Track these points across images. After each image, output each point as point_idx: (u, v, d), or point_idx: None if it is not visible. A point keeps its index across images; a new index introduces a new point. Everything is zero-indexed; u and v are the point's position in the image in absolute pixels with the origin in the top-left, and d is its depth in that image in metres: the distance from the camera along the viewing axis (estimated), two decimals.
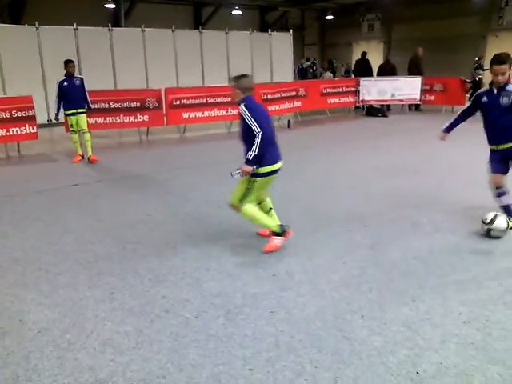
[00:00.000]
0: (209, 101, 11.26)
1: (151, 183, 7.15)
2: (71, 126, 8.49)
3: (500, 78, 4.25)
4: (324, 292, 3.63)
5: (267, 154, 4.18)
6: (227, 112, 11.38)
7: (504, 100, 4.32)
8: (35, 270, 4.16)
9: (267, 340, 3.04)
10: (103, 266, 4.21)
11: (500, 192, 4.64)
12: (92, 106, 8.68)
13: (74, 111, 8.33)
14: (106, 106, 10.34)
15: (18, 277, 4.03)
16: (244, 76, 4.25)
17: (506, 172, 4.63)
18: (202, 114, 11.25)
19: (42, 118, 10.38)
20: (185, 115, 11.06)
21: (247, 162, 4.08)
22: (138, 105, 10.59)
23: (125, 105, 10.45)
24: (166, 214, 5.66)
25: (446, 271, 3.93)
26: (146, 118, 10.71)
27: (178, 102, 10.94)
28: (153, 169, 8.08)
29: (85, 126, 8.47)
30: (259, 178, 4.22)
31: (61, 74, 8.37)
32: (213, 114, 11.37)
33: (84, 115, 8.44)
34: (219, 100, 11.27)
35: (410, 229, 4.92)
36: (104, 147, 9.93)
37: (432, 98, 13.95)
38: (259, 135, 4.03)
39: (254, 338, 3.06)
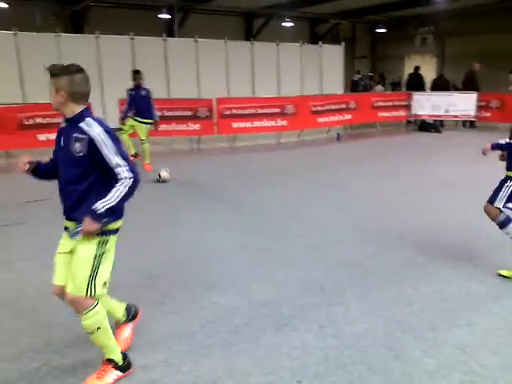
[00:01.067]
0: (258, 111, 11.39)
1: (201, 190, 7.30)
2: (122, 127, 8.73)
3: None
4: (374, 309, 3.59)
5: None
6: (276, 123, 11.47)
7: None
8: None
9: (316, 353, 3.03)
10: (156, 270, 4.32)
11: None
12: (157, 119, 8.83)
13: (135, 118, 8.59)
14: (160, 114, 10.63)
15: None
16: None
17: None
18: (252, 124, 11.39)
19: None
20: (235, 125, 11.24)
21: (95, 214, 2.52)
22: (190, 114, 10.85)
23: (177, 113, 10.72)
24: (215, 221, 5.76)
25: (507, 295, 3.79)
26: (197, 126, 10.95)
27: (229, 112, 11.13)
28: (203, 176, 8.24)
29: (144, 137, 8.71)
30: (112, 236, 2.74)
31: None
32: (262, 125, 11.50)
33: (144, 126, 8.65)
34: (269, 111, 11.39)
35: (468, 247, 4.79)
36: (156, 154, 10.20)
37: (488, 114, 13.54)
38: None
39: (303, 351, 3.06)
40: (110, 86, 11.37)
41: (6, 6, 17.85)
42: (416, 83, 15.13)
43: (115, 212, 2.55)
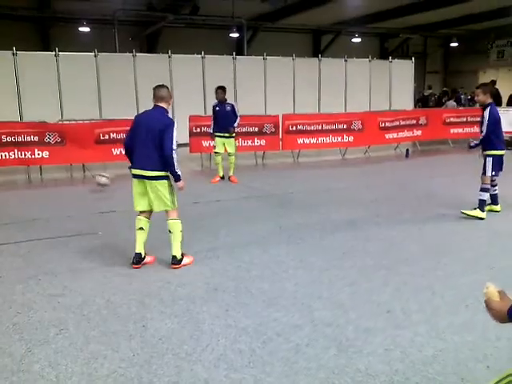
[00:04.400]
0: (324, 127, 11.33)
1: (265, 205, 7.33)
2: (214, 147, 9.00)
3: None
4: (444, 334, 3.40)
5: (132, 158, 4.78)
6: (342, 139, 11.35)
7: None
8: (158, 280, 4.46)
9: (380, 378, 2.92)
10: (218, 282, 4.38)
11: None
12: (235, 125, 8.84)
13: (222, 135, 8.81)
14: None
15: (142, 285, 4.35)
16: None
17: None
18: (317, 140, 11.34)
19: None
20: (300, 141, 11.25)
21: None
22: (256, 129, 10.99)
23: (244, 129, 10.89)
24: (278, 236, 5.75)
25: None
26: (263, 142, 11.06)
27: (294, 128, 11.16)
28: (267, 191, 8.28)
29: (232, 150, 8.91)
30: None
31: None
32: (327, 141, 11.42)
33: (233, 140, 8.86)
34: (334, 127, 11.29)
35: None
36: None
37: None
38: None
39: (367, 374, 2.95)
40: (181, 102, 11.78)
41: (88, 29, 19.10)
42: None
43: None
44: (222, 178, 9.17)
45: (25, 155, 9.32)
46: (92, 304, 3.99)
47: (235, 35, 21.47)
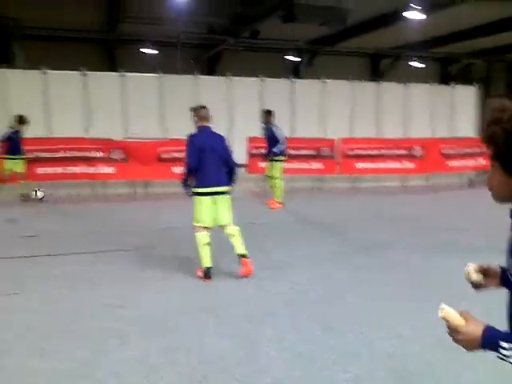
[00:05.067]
0: (383, 152, 11.18)
1: (321, 229, 7.29)
2: (271, 175, 9.00)
3: None
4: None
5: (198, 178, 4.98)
6: (402, 165, 11.15)
7: None
8: (214, 297, 4.53)
9: None
10: (273, 303, 4.38)
11: None
12: (274, 149, 8.83)
13: (272, 158, 8.88)
14: None
15: (199, 300, 4.43)
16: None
17: None
18: (376, 165, 11.20)
19: None
20: (358, 165, 11.14)
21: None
22: (313, 153, 11.00)
23: (300, 152, 10.93)
24: (333, 261, 5.69)
25: None
26: (319, 165, 11.05)
27: (353, 152, 11.09)
28: (324, 216, 8.24)
29: (277, 174, 8.86)
30: (196, 196, 5.03)
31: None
32: (386, 166, 11.24)
33: (276, 163, 8.81)
34: (395, 152, 11.12)
35: None
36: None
37: None
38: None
39: None
40: (239, 124, 12.02)
41: (152, 51, 19.95)
42: None
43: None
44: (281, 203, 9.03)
45: (91, 170, 9.79)
46: (150, 316, 4.11)
47: (293, 58, 21.72)
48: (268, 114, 8.87)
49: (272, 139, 8.72)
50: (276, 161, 8.76)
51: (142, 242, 6.48)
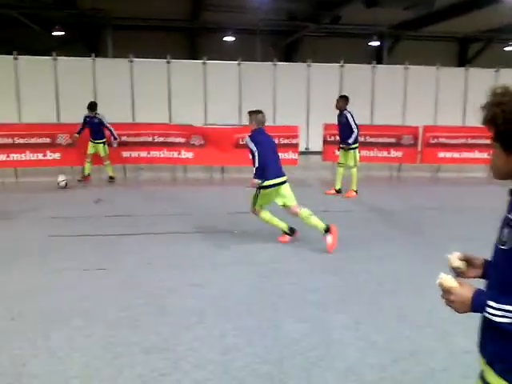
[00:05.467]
0: (469, 141, 10.60)
1: (398, 220, 7.09)
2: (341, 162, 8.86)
3: None
4: None
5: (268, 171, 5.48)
6: (490, 155, 10.52)
7: None
8: (289, 282, 4.58)
9: None
10: (349, 292, 4.36)
11: None
12: (349, 141, 8.60)
13: (340, 146, 8.75)
14: (362, 139, 10.71)
15: (274, 285, 4.50)
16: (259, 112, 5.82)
17: None
18: (460, 154, 10.66)
19: (300, 147, 11.34)
20: (441, 154, 10.66)
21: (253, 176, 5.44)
22: (394, 141, 10.67)
23: (380, 140, 10.65)
24: (409, 253, 5.53)
25: None
26: (399, 154, 10.70)
27: (435, 141, 10.62)
28: (401, 205, 8.00)
29: (350, 163, 8.65)
30: (262, 190, 5.57)
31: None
32: (472, 156, 10.66)
33: (351, 151, 8.59)
34: (481, 141, 10.50)
35: None
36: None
37: None
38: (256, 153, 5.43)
39: None
40: (316, 110, 11.93)
41: (232, 39, 20.22)
42: None
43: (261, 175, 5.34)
44: (338, 191, 8.84)
45: (172, 155, 10.17)
46: (228, 298, 4.24)
47: (375, 44, 21.08)
48: (344, 99, 8.66)
49: (346, 126, 8.53)
50: (350, 149, 8.56)
51: (219, 225, 6.67)
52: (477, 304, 1.48)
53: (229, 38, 20.43)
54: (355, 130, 8.46)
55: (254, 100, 12.11)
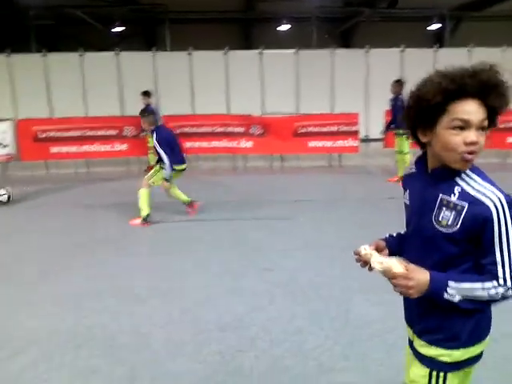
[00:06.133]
0: None
1: None
2: (402, 149, 8.68)
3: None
4: None
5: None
6: None
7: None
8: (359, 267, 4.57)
9: None
10: None
11: None
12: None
13: (396, 131, 8.63)
14: None
15: (343, 269, 4.52)
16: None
17: None
18: None
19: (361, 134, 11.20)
20: (510, 139, 10.20)
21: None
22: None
23: None
24: None
25: None
26: None
27: (504, 125, 10.16)
28: None
29: (403, 149, 8.55)
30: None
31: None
32: None
33: (404, 137, 8.42)
34: None
35: None
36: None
37: None
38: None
39: None
40: (376, 96, 11.70)
41: (286, 28, 20.14)
42: None
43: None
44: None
45: (232, 144, 10.33)
46: (297, 282, 4.30)
47: (435, 27, 20.34)
48: (399, 83, 8.50)
49: (400, 111, 8.31)
50: (404, 134, 8.37)
51: (280, 212, 6.74)
52: (436, 286, 1.47)
53: (283, 27, 20.36)
54: None
55: (312, 88, 12.08)
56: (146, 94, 9.82)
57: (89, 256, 5.12)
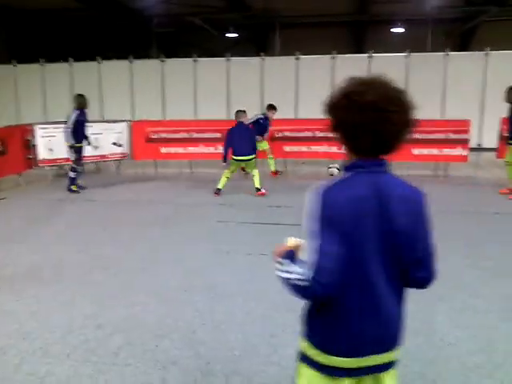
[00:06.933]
0: None
1: None
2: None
3: None
4: None
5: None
6: None
7: None
8: (452, 287, 4.34)
9: None
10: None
11: None
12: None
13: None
14: None
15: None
16: None
17: None
18: None
19: (472, 142, 10.49)
20: None
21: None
22: None
23: None
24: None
25: None
26: None
27: None
28: None
29: (509, 158, 7.91)
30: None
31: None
32: None
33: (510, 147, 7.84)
34: None
35: None
36: None
37: None
38: None
39: None
40: (492, 102, 10.87)
41: (401, 30, 19.46)
42: None
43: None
44: None
45: (331, 149, 10.21)
46: None
47: None
48: None
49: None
50: None
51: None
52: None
53: (397, 30, 19.69)
54: None
55: (422, 91, 11.54)
56: (271, 107, 9.97)
57: (180, 249, 5.45)
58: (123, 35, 20.03)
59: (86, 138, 8.76)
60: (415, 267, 1.65)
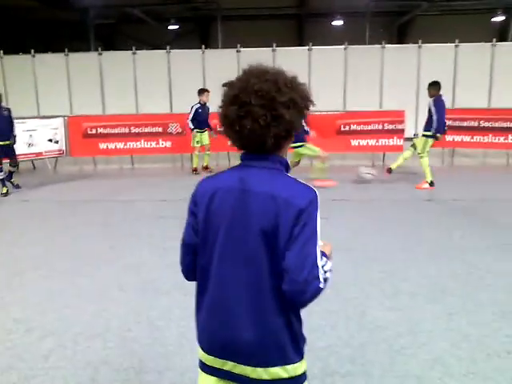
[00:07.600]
0: None
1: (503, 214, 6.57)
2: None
3: None
4: None
5: None
6: None
7: None
8: (381, 271, 4.50)
9: None
10: (445, 284, 4.17)
11: None
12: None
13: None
14: (474, 124, 9.99)
15: (364, 272, 4.45)
16: None
17: None
18: None
19: (408, 133, 10.86)
20: None
21: None
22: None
23: (495, 125, 9.86)
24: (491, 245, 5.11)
25: None
26: None
27: None
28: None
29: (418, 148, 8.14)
30: None
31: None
32: None
33: (422, 138, 8.09)
34: None
35: None
36: (465, 167, 9.67)
37: None
38: None
39: None
40: (427, 95, 11.30)
41: (340, 23, 19.87)
42: None
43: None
44: (431, 184, 8.11)
45: None
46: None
47: (498, 19, 19.38)
48: (435, 86, 8.19)
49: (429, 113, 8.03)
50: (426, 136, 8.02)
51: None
52: None
53: (337, 23, 20.08)
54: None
55: (360, 84, 11.84)
56: (202, 91, 9.77)
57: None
58: (59, 27, 19.28)
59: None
60: (281, 278, 1.45)
